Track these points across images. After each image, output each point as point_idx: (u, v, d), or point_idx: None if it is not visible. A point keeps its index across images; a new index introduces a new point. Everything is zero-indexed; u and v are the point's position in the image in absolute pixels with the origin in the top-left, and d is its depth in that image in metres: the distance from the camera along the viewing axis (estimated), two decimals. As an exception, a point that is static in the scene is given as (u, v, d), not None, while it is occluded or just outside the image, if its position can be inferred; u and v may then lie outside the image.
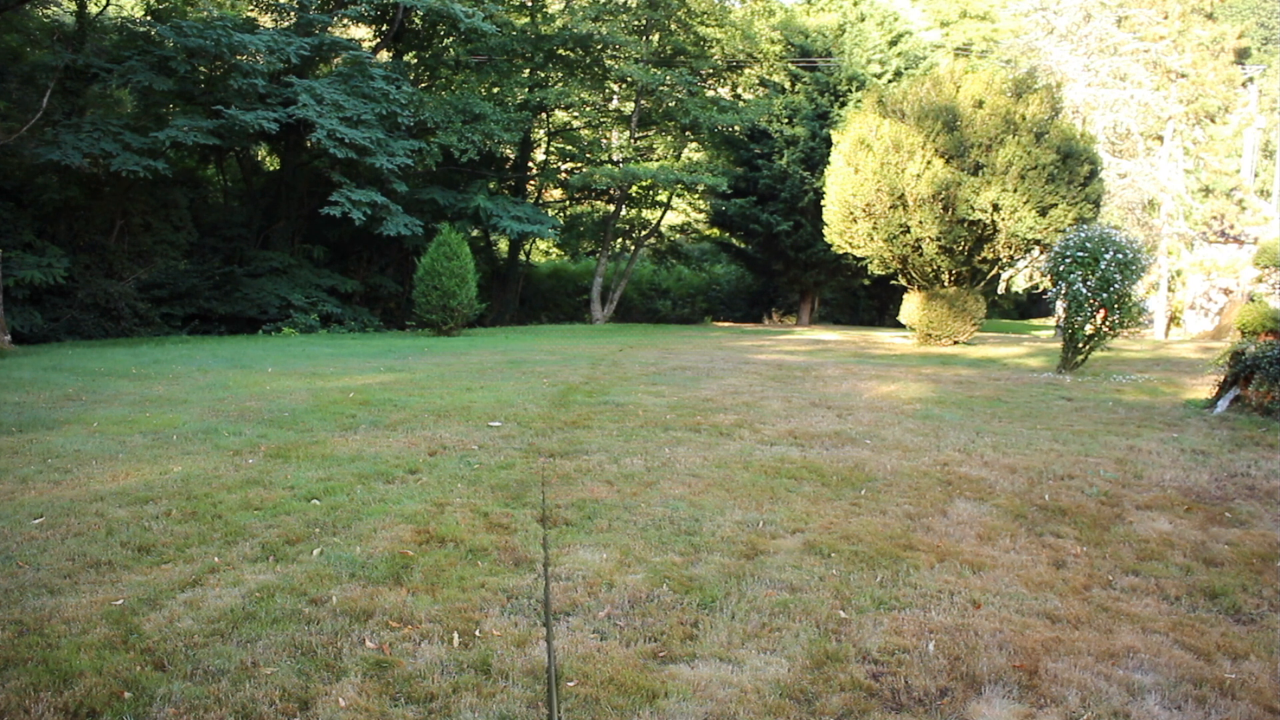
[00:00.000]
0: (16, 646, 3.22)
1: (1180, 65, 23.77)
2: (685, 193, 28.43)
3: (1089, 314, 12.43)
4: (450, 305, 18.56)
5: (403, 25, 23.90)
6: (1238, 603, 3.94)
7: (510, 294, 28.52)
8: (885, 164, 17.11)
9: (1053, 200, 16.44)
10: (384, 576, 3.99)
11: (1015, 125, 16.74)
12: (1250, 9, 31.64)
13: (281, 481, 5.55)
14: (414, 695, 2.97)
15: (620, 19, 24.48)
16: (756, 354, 15.22)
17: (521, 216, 23.03)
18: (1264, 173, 28.71)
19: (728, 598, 3.81)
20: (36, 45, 19.43)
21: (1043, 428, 7.92)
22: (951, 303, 17.74)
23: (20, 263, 17.08)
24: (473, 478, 5.75)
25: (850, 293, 31.70)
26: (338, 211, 19.02)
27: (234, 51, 18.45)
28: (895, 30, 26.54)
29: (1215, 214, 25.64)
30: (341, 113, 18.75)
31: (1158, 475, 6.17)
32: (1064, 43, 25.21)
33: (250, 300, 20.70)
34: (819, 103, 26.20)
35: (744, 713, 2.91)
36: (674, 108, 25.33)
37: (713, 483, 5.75)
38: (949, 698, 3.05)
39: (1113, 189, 22.98)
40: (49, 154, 16.88)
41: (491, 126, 21.88)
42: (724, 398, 9.37)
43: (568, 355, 14.05)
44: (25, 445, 6.45)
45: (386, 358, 13.20)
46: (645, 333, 22.09)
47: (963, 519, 5.10)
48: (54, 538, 4.40)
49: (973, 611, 3.76)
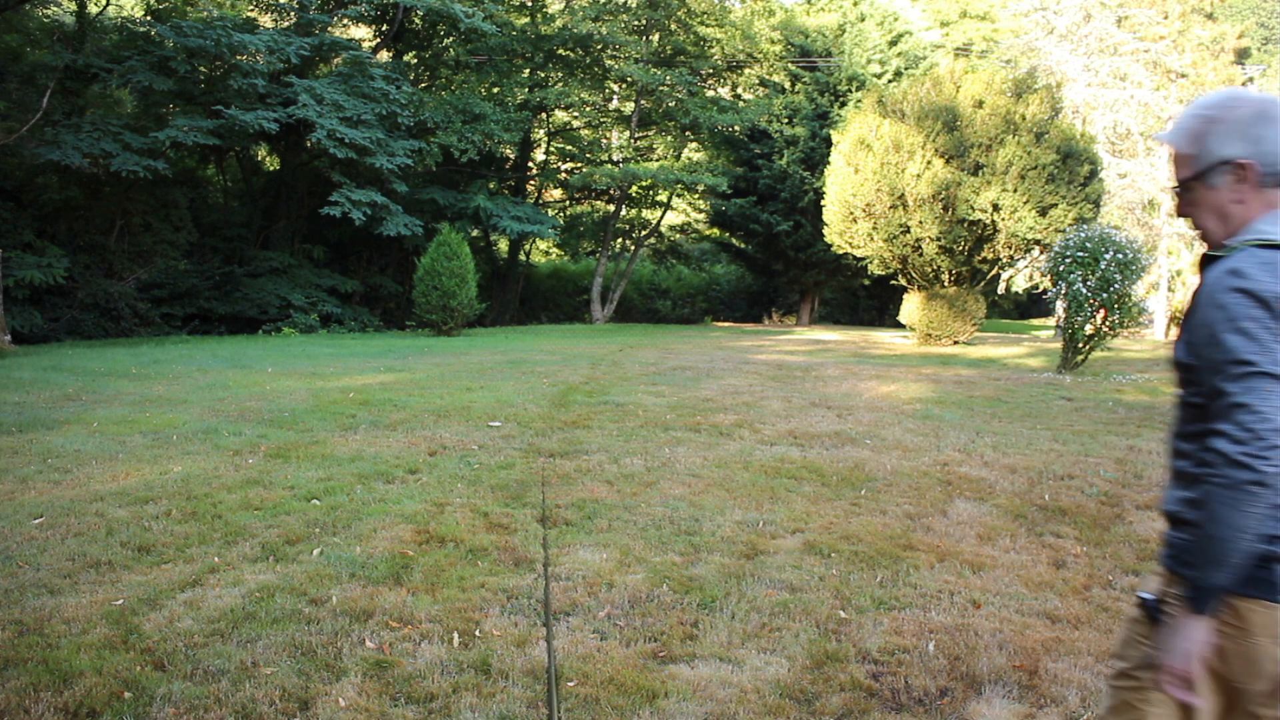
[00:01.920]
0: (16, 646, 3.22)
1: (1180, 65, 23.79)
2: (685, 193, 28.44)
3: (1089, 314, 12.43)
4: (450, 305, 18.56)
5: (403, 25, 23.91)
6: (1238, 603, 3.93)
7: (510, 294, 28.52)
8: (885, 164, 17.11)
9: (1053, 200, 16.44)
10: (384, 576, 3.99)
11: (1015, 125, 16.74)
12: (1250, 9, 31.65)
13: (281, 481, 5.55)
14: (414, 695, 2.97)
15: (620, 19, 24.48)
16: (756, 354, 15.22)
17: (521, 216, 23.03)
18: (1264, 173, 28.71)
19: (728, 598, 3.81)
20: (36, 45, 19.42)
21: (1043, 428, 7.92)
22: (951, 303, 17.75)
23: (20, 263, 17.08)
24: (473, 478, 5.75)
25: (850, 293, 31.70)
26: (338, 211, 19.01)
27: (234, 51, 18.45)
28: (895, 30, 26.54)
29: (1215, 214, 25.65)
30: (341, 113, 18.75)
31: (1158, 475, 6.17)
32: (1064, 43, 25.22)
33: (250, 300, 20.70)
34: (819, 103, 26.20)
35: (744, 713, 2.91)
36: (674, 108, 25.33)
37: (713, 483, 5.75)
38: (949, 698, 3.05)
39: (1113, 189, 22.99)
40: (49, 154, 16.87)
41: (491, 126, 21.87)
42: (724, 398, 9.37)
43: (568, 355, 14.05)
44: (25, 445, 6.45)
45: (386, 358, 13.20)
46: (645, 333, 22.09)
47: (963, 519, 5.10)
48: (54, 538, 4.40)
49: (973, 611, 3.76)
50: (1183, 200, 1.76)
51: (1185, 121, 1.73)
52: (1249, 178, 1.67)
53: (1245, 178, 1.67)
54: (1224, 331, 1.58)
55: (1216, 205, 1.70)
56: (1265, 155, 1.66)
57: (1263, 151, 1.66)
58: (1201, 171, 1.69)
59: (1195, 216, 1.75)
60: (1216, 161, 1.68)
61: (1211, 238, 1.73)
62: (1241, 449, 1.54)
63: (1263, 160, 1.66)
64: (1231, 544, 1.55)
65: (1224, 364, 1.58)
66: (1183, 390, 1.74)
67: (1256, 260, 1.61)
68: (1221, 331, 1.59)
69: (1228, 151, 1.67)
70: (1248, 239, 1.65)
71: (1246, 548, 1.56)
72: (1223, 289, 1.61)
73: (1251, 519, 1.54)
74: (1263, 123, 1.67)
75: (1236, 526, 1.55)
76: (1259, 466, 1.53)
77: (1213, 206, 1.70)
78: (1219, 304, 1.60)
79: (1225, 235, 1.70)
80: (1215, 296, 1.61)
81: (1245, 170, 1.66)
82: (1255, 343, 1.56)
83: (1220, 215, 1.70)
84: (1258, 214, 1.68)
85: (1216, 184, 1.69)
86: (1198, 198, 1.72)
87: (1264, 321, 1.57)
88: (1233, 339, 1.57)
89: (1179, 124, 1.74)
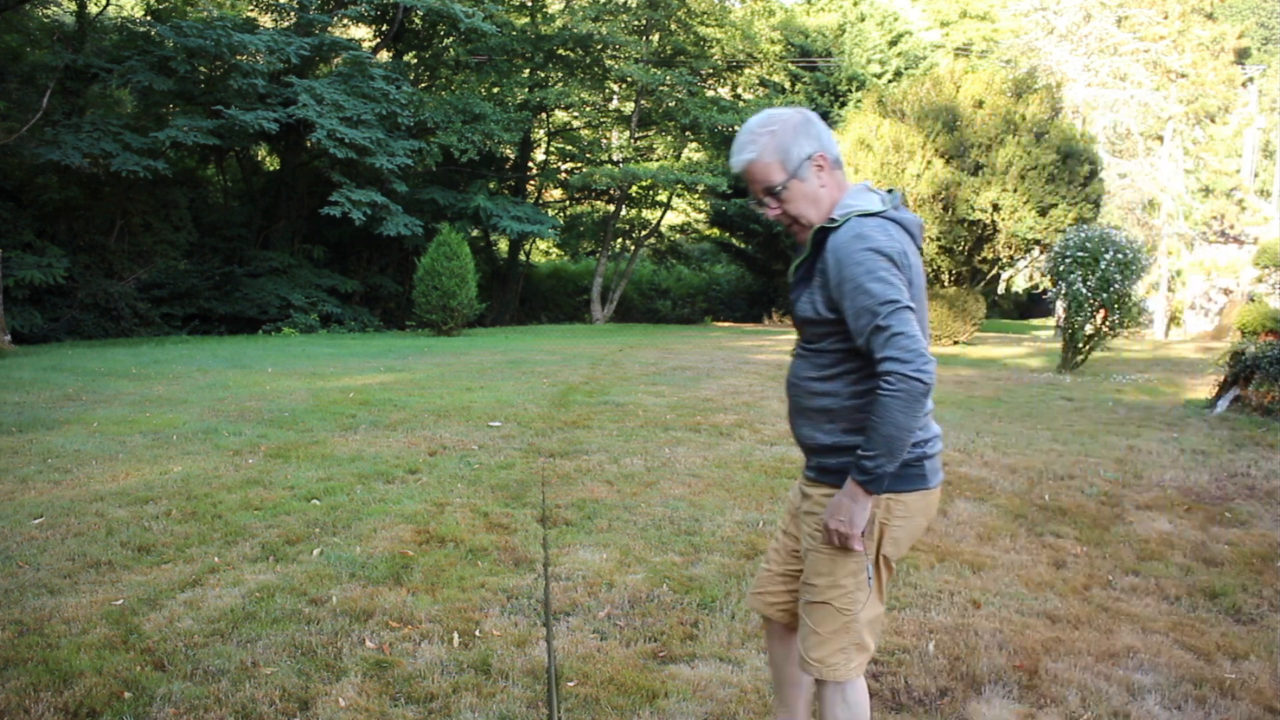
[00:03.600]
0: (16, 646, 3.22)
1: (1180, 65, 23.78)
2: (685, 193, 28.42)
3: (1089, 314, 12.44)
4: (450, 305, 18.55)
5: (403, 25, 23.90)
6: (1238, 603, 3.94)
7: (510, 294, 28.51)
8: (885, 164, 17.11)
9: (1053, 200, 16.45)
10: (384, 576, 3.99)
11: (1015, 125, 16.74)
12: (1250, 9, 31.65)
13: (281, 481, 5.55)
14: (414, 695, 2.97)
15: (620, 19, 24.47)
16: (756, 354, 15.22)
17: (521, 216, 23.01)
18: (1264, 173, 28.72)
19: (728, 598, 3.81)
20: (36, 45, 19.41)
21: (1043, 428, 7.92)
22: (951, 303, 17.74)
23: (20, 263, 17.07)
24: (473, 478, 5.75)
25: (850, 293, 31.65)
26: (338, 211, 19.00)
27: (234, 51, 18.44)
28: (895, 30, 26.56)
29: (1215, 214, 25.66)
30: (341, 113, 18.74)
31: (1158, 475, 6.17)
32: (1064, 43, 25.22)
33: (250, 300, 20.68)
34: (819, 103, 26.21)
35: (744, 713, 2.91)
36: (674, 108, 25.32)
37: (713, 483, 5.75)
38: (949, 698, 3.05)
39: (1113, 189, 22.98)
40: (49, 154, 16.85)
41: (491, 126, 21.86)
42: (724, 398, 9.37)
43: (568, 355, 14.04)
44: (25, 445, 6.45)
45: (386, 358, 13.20)
46: (645, 333, 22.09)
47: (963, 519, 5.10)
48: (54, 538, 4.40)
49: (973, 611, 3.76)
50: (775, 203, 2.12)
51: (755, 140, 2.09)
52: (826, 165, 2.10)
53: (824, 166, 2.10)
54: (868, 282, 1.97)
55: (810, 194, 2.11)
56: (827, 147, 2.11)
57: (825, 145, 2.11)
58: (794, 170, 2.08)
59: (792, 210, 2.12)
60: (803, 159, 2.08)
61: (809, 220, 2.11)
62: (911, 366, 1.94)
63: (828, 151, 2.11)
64: (903, 440, 1.97)
65: (876, 306, 1.96)
66: (816, 341, 2.15)
67: (870, 226, 2.02)
68: (866, 282, 1.98)
69: (806, 150, 2.08)
70: (850, 213, 2.05)
71: (909, 442, 1.99)
72: (856, 250, 2.00)
73: (918, 419, 1.97)
74: (812, 125, 2.12)
75: (908, 427, 1.96)
76: (925, 378, 1.95)
77: (808, 196, 2.10)
78: (857, 261, 1.99)
79: (820, 216, 2.10)
80: (852, 256, 2.00)
81: (823, 160, 2.09)
82: (893, 286, 1.98)
83: (814, 201, 2.11)
84: (838, 193, 2.12)
85: (806, 177, 2.09)
86: (793, 194, 2.10)
87: (892, 270, 1.99)
88: (876, 285, 1.97)
89: (750, 145, 2.09)
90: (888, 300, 1.96)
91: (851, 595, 2.14)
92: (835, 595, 2.15)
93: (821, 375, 2.15)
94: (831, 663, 2.16)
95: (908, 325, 1.96)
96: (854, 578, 2.13)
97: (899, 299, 1.97)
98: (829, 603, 2.16)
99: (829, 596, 2.16)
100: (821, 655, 2.16)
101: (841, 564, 2.13)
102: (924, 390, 1.95)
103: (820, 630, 2.17)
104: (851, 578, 2.13)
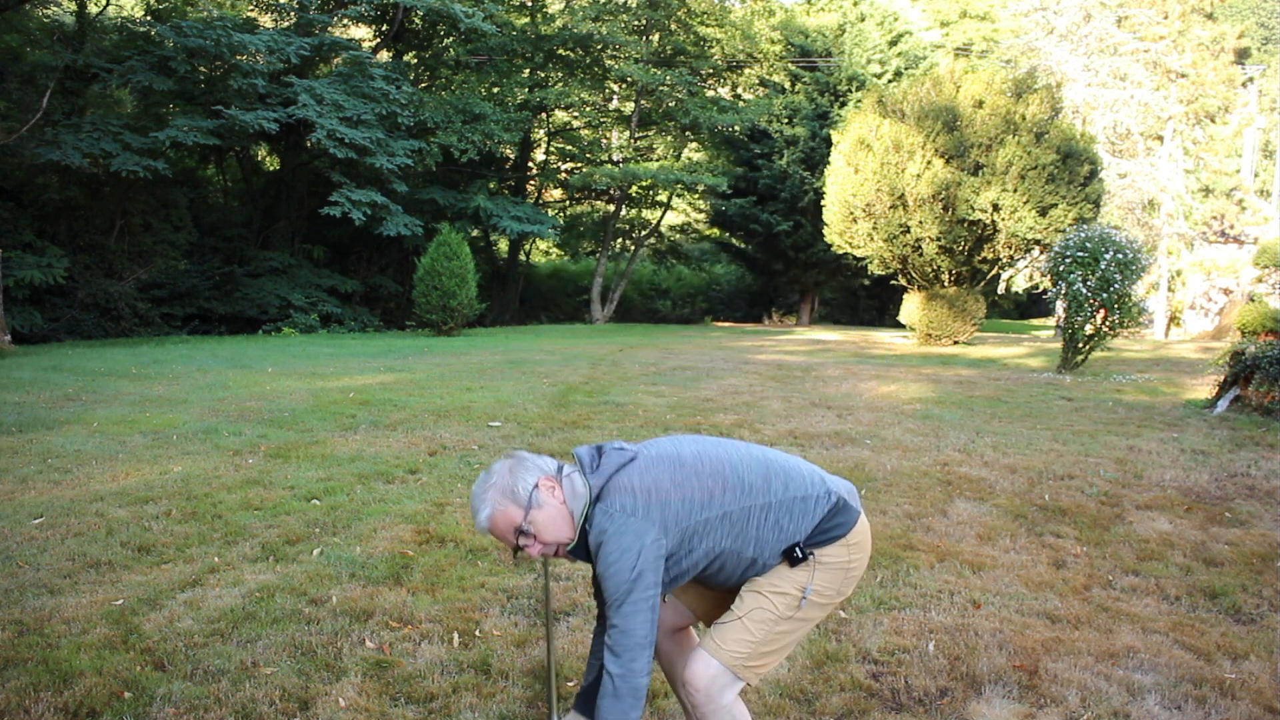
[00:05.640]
0: (16, 646, 3.22)
1: (1180, 65, 23.78)
2: (685, 193, 28.43)
3: (1089, 314, 12.43)
4: (450, 305, 18.55)
5: (403, 25, 23.90)
6: (1238, 603, 3.93)
7: (510, 294, 28.51)
8: (885, 164, 17.11)
9: (1053, 200, 16.44)
10: (384, 576, 3.99)
11: (1015, 125, 16.73)
12: (1250, 9, 31.66)
13: (281, 481, 5.55)
14: (414, 695, 2.97)
15: (620, 19, 24.47)
16: (756, 354, 15.22)
17: (521, 216, 23.02)
18: (1264, 173, 28.73)
19: (728, 598, 3.81)
20: (36, 45, 19.41)
21: (1043, 428, 7.92)
22: (951, 303, 17.74)
23: (20, 263, 17.07)
24: (473, 478, 5.75)
25: (850, 293, 31.69)
26: (338, 211, 19.00)
27: (234, 51, 18.43)
28: (895, 30, 26.54)
29: (1215, 214, 25.65)
30: (341, 113, 18.74)
31: (1158, 475, 6.17)
32: (1064, 43, 25.21)
33: (250, 300, 20.69)
34: (819, 103, 26.20)
35: (744, 713, 2.90)
36: (674, 108, 25.32)
37: (713, 483, 5.73)
38: (949, 698, 3.05)
39: (1113, 189, 22.98)
40: (49, 154, 16.85)
41: (491, 126, 21.86)
42: (724, 398, 9.37)
43: (568, 355, 14.05)
44: (25, 445, 6.45)
45: (386, 358, 13.20)
46: (645, 333, 22.09)
47: (963, 519, 5.10)
48: (54, 538, 4.40)
49: (973, 611, 3.76)
50: (534, 543, 2.19)
51: (484, 498, 2.19)
52: (554, 483, 2.21)
53: (555, 485, 2.21)
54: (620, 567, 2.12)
55: (556, 515, 2.19)
56: (546, 469, 2.22)
57: (544, 468, 2.22)
58: (528, 506, 2.17)
59: (549, 538, 2.19)
60: (530, 489, 2.18)
61: (565, 536, 2.20)
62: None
63: (548, 470, 2.22)
64: None
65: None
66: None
67: (613, 525, 2.13)
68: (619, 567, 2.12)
69: (530, 481, 2.19)
70: (591, 514, 2.18)
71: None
72: (613, 542, 2.13)
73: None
74: (523, 460, 2.24)
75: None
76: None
77: (556, 518, 2.19)
78: (621, 548, 2.13)
79: (574, 527, 2.19)
80: (613, 544, 2.13)
81: (549, 481, 2.20)
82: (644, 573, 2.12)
83: (562, 518, 2.19)
84: (570, 500, 2.21)
85: (545, 503, 2.18)
86: (542, 526, 2.18)
87: (648, 559, 2.12)
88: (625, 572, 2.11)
89: (483, 504, 2.19)
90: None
91: (775, 619, 2.27)
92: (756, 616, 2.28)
93: None
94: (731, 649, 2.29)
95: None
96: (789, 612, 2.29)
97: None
98: (743, 619, 2.30)
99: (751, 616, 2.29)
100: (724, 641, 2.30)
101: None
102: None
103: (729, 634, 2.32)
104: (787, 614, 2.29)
